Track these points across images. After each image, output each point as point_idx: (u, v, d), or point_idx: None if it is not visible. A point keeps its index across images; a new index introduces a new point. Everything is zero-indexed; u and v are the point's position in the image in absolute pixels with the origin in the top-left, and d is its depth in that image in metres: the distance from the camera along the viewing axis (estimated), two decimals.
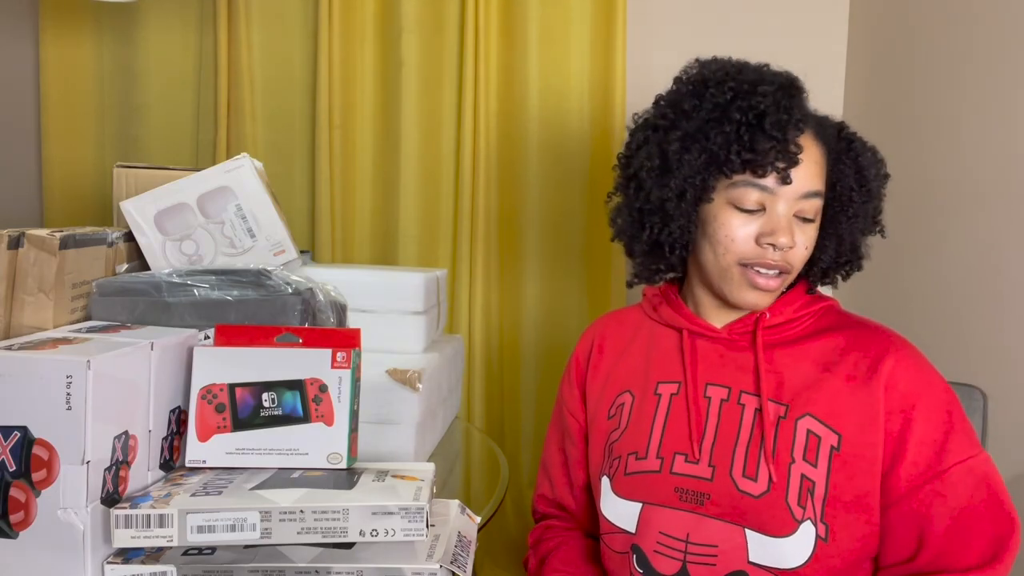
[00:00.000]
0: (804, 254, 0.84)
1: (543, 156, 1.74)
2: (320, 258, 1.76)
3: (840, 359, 0.83)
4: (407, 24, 1.74)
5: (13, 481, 0.64)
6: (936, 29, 1.43)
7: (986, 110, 1.28)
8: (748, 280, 0.83)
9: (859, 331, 0.85)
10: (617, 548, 0.86)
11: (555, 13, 1.72)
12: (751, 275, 0.82)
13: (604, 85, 1.72)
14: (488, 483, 1.15)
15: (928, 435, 0.78)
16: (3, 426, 0.64)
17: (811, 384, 0.82)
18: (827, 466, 0.78)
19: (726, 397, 0.84)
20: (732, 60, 0.86)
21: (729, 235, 0.82)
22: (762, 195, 0.81)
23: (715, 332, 0.88)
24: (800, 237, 0.82)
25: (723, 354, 0.87)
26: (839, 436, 0.79)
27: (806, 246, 0.83)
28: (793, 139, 0.80)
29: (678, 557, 0.80)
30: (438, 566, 0.67)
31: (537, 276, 1.78)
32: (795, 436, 0.79)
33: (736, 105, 0.81)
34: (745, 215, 0.82)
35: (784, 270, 0.82)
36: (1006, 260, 1.23)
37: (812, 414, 0.80)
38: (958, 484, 0.77)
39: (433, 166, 1.77)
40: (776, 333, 0.86)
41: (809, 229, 0.84)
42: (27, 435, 0.64)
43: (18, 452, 0.64)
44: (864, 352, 0.82)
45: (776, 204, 0.81)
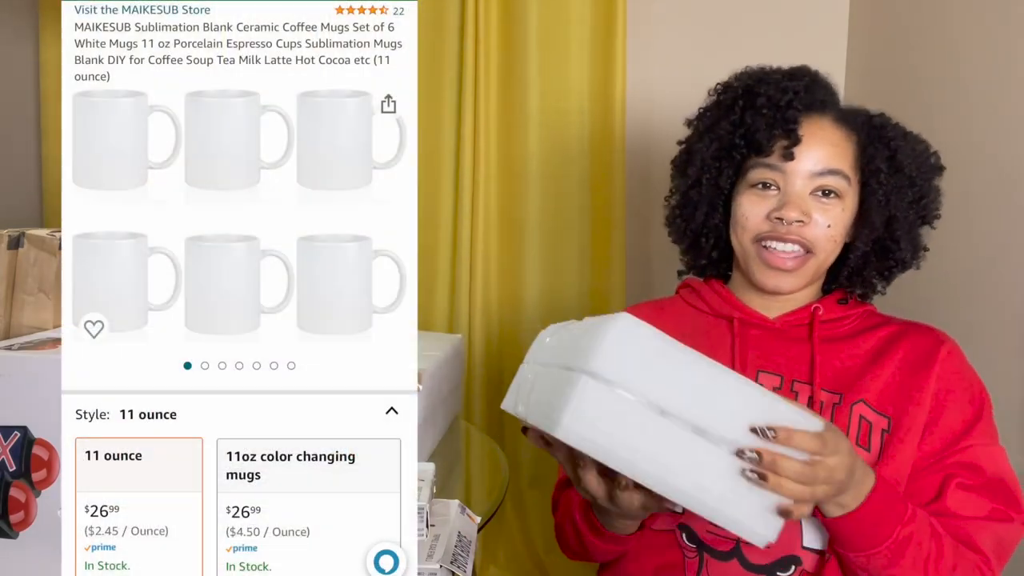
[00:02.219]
0: (827, 233, 0.84)
1: (544, 156, 1.74)
2: None
3: (891, 349, 0.85)
4: None
5: (13, 481, 0.64)
6: (936, 29, 1.43)
7: (986, 110, 1.28)
8: (764, 259, 0.85)
9: (909, 326, 0.88)
10: (657, 526, 0.85)
11: (555, 14, 1.72)
12: (765, 253, 0.85)
13: (604, 84, 1.72)
14: (488, 483, 1.15)
15: (956, 421, 0.81)
16: (3, 426, 0.64)
17: (863, 373, 0.84)
18: (879, 450, 0.80)
19: (779, 385, 0.85)
20: (761, 67, 0.91)
21: (745, 213, 0.86)
22: (772, 173, 0.85)
23: (768, 322, 0.89)
24: (819, 214, 0.84)
25: (775, 344, 0.87)
26: (888, 420, 0.81)
27: (828, 224, 0.84)
28: (792, 117, 0.83)
29: (733, 537, 0.80)
30: (438, 566, 0.67)
31: (537, 276, 1.78)
32: (849, 422, 0.81)
33: (741, 98, 0.87)
34: (759, 193, 0.86)
35: (801, 245, 0.84)
36: (1006, 260, 1.23)
37: (865, 400, 0.82)
38: (975, 461, 0.79)
39: (433, 166, 1.77)
40: (829, 329, 0.87)
41: (833, 207, 0.84)
42: (27, 435, 0.64)
43: (18, 452, 0.64)
44: (916, 344, 0.85)
45: (789, 182, 0.84)
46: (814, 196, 0.84)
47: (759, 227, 0.85)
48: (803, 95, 0.85)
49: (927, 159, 0.89)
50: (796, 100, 0.84)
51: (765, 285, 0.87)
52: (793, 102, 0.84)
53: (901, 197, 0.86)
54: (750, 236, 0.86)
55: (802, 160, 0.83)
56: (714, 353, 0.88)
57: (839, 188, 0.84)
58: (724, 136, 0.87)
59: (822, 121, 0.85)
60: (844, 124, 0.86)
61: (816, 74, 0.90)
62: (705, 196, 0.90)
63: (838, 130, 0.85)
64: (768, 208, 0.85)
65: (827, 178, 0.84)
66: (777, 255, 0.84)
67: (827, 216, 0.84)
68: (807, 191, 0.84)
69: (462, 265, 1.75)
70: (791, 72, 0.88)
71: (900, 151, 0.86)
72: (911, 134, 0.89)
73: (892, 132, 0.87)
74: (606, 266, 1.74)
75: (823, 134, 0.84)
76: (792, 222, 0.83)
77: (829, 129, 0.85)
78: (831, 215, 0.84)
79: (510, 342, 1.80)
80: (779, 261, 0.84)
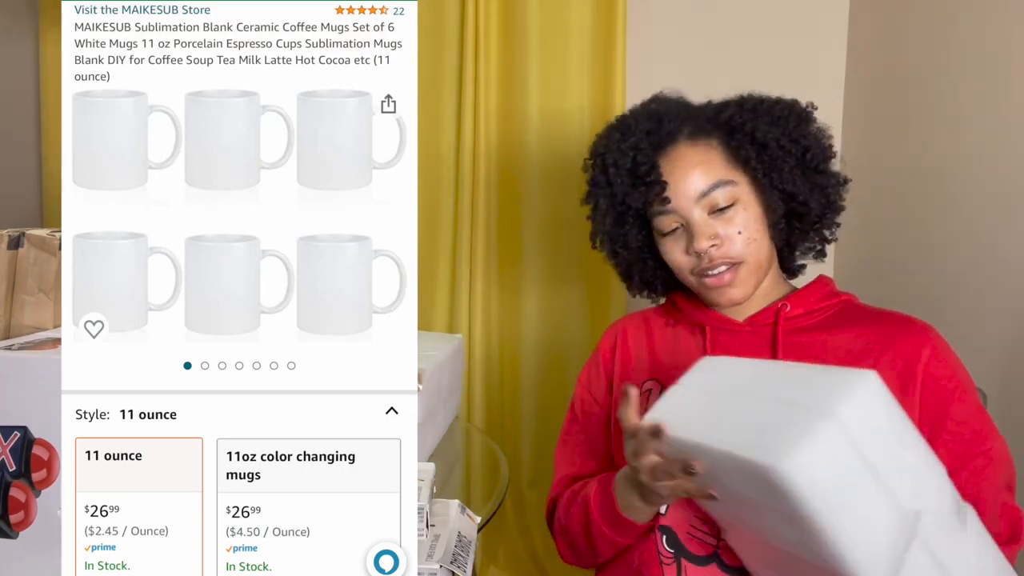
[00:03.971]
0: (743, 238, 0.85)
1: (543, 156, 1.74)
2: None
3: (871, 352, 0.83)
4: None
5: (13, 481, 0.64)
6: (936, 30, 1.43)
7: (986, 111, 1.28)
8: (703, 284, 0.88)
9: (887, 326, 0.86)
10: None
11: (555, 14, 1.72)
12: (704, 280, 0.87)
13: (604, 84, 1.72)
14: (488, 483, 1.15)
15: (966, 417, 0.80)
16: (3, 426, 0.64)
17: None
18: None
19: None
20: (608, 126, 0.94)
21: (670, 259, 0.90)
22: (667, 217, 0.87)
23: (737, 326, 0.90)
24: (724, 228, 0.85)
25: (744, 346, 0.88)
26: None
27: (739, 230, 0.85)
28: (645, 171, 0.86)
29: (711, 542, 0.81)
30: (438, 566, 0.67)
31: (537, 276, 1.77)
32: None
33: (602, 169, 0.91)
34: (672, 237, 0.89)
35: (726, 263, 0.86)
36: (1007, 260, 1.23)
37: None
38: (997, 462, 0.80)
39: (433, 166, 1.77)
40: (797, 323, 0.88)
41: (733, 215, 0.86)
42: (27, 435, 0.64)
43: (18, 452, 0.64)
44: (898, 350, 0.83)
45: (684, 216, 0.86)
46: (713, 215, 0.86)
47: (685, 264, 0.88)
48: (644, 145, 0.87)
49: (789, 117, 0.88)
50: (640, 155, 0.87)
51: (719, 303, 0.89)
52: (638, 158, 0.87)
53: (783, 166, 0.87)
54: (686, 275, 0.89)
55: (680, 193, 0.86)
56: (691, 359, 0.88)
57: (730, 196, 0.85)
58: (609, 209, 0.92)
59: (676, 150, 0.87)
60: (698, 139, 0.88)
61: (655, 106, 0.92)
62: (629, 247, 0.94)
63: (694, 148, 0.87)
64: (683, 245, 0.88)
65: (712, 195, 0.85)
66: (712, 278, 0.87)
67: (733, 225, 0.85)
68: (705, 214, 0.86)
69: (462, 265, 1.75)
70: (625, 125, 0.91)
71: (758, 129, 0.86)
72: (762, 104, 0.89)
73: (743, 116, 0.87)
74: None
75: (682, 161, 0.86)
76: (706, 250, 0.85)
77: (686, 153, 0.87)
78: (736, 222, 0.85)
79: (510, 342, 1.80)
80: (716, 282, 0.87)
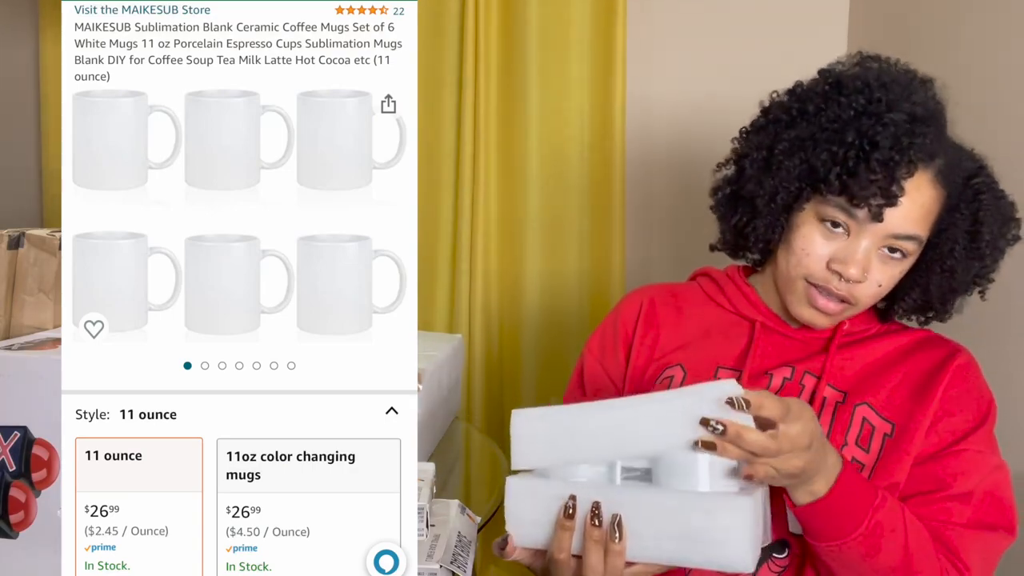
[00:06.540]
0: (876, 291, 0.80)
1: (544, 156, 1.74)
2: None
3: (905, 359, 0.84)
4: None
5: (13, 481, 0.64)
6: (936, 30, 1.43)
7: (986, 111, 1.28)
8: (808, 297, 0.82)
9: (927, 337, 0.87)
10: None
11: (555, 14, 1.72)
12: (812, 292, 0.81)
13: (604, 84, 1.71)
14: (488, 483, 1.15)
15: (956, 431, 0.80)
16: (3, 426, 0.64)
17: (872, 376, 0.83)
18: (879, 452, 0.80)
19: (789, 376, 0.84)
20: (886, 67, 0.83)
21: (805, 248, 0.80)
22: (849, 220, 0.78)
23: (791, 331, 0.87)
24: (877, 274, 0.79)
25: (789, 351, 0.87)
26: (893, 426, 0.81)
27: (880, 283, 0.80)
28: (900, 179, 0.75)
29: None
30: (438, 566, 0.67)
31: (537, 276, 1.77)
32: (851, 422, 0.81)
33: (855, 125, 0.77)
34: (828, 233, 0.79)
35: (847, 301, 0.80)
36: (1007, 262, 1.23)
37: (870, 404, 0.81)
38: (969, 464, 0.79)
39: (433, 166, 1.77)
40: (849, 337, 0.86)
41: (893, 267, 0.80)
42: (27, 435, 0.64)
43: (18, 452, 0.64)
44: (929, 356, 0.84)
45: (861, 235, 0.78)
46: (880, 252, 0.79)
47: (814, 269, 0.80)
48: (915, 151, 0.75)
49: (1010, 230, 0.84)
50: (915, 165, 0.76)
51: (799, 317, 0.84)
52: (913, 166, 0.75)
53: (967, 270, 0.83)
54: (802, 272, 0.81)
55: (888, 221, 0.76)
56: (731, 351, 0.87)
57: (908, 249, 0.79)
58: (819, 167, 0.78)
59: (923, 177, 0.77)
60: (941, 181, 0.79)
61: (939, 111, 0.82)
62: (775, 211, 0.83)
63: (933, 188, 0.78)
64: (830, 252, 0.79)
65: (903, 241, 0.78)
66: (820, 300, 0.81)
67: (885, 276, 0.80)
68: (875, 247, 0.78)
69: (462, 265, 1.75)
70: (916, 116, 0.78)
71: (985, 223, 0.81)
72: (1004, 200, 0.84)
73: (987, 199, 0.82)
74: (606, 266, 1.74)
75: (918, 195, 0.77)
76: (850, 279, 0.78)
77: (926, 189, 0.77)
78: (887, 274, 0.80)
79: (510, 342, 1.80)
80: (824, 304, 0.81)
